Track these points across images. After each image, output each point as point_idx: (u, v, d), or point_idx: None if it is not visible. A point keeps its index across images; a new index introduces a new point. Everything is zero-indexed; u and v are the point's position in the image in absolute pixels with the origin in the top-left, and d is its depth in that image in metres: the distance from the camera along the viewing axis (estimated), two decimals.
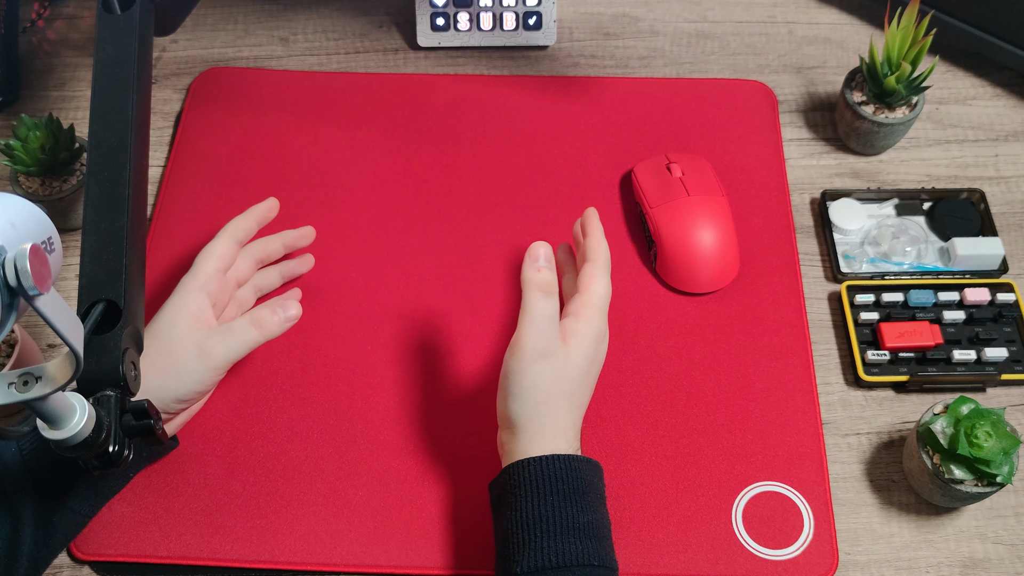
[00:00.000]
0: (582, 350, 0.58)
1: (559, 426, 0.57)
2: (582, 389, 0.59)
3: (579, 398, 0.59)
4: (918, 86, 0.75)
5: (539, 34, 0.87)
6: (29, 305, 0.37)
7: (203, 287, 0.63)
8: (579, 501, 0.55)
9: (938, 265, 0.74)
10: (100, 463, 0.47)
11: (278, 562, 0.62)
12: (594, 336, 0.59)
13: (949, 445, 0.60)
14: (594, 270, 0.60)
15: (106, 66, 0.56)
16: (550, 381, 0.57)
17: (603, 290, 0.60)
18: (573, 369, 0.58)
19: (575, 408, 0.59)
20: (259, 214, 0.69)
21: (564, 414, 0.58)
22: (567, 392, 0.58)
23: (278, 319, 0.62)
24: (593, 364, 0.59)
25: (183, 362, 0.60)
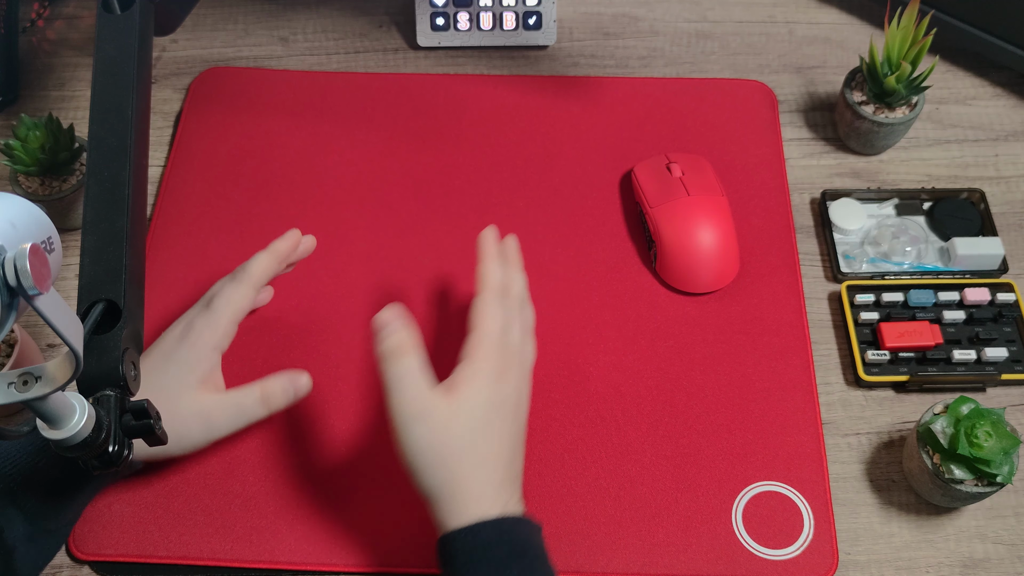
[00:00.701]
0: (473, 395, 0.53)
1: (471, 489, 0.52)
2: (489, 438, 0.53)
3: (488, 449, 0.53)
4: (918, 86, 0.75)
5: (539, 34, 0.87)
6: (29, 305, 0.37)
7: (218, 346, 0.61)
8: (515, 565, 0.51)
9: (938, 265, 0.74)
10: (100, 463, 0.47)
11: (278, 562, 0.62)
12: (489, 376, 0.54)
13: (949, 445, 0.60)
14: (481, 304, 0.56)
15: (106, 66, 0.56)
16: (433, 442, 0.52)
17: (493, 323, 0.55)
18: (464, 420, 0.53)
19: (486, 462, 0.53)
20: (282, 253, 0.64)
21: (471, 472, 0.52)
22: (463, 447, 0.52)
23: (287, 398, 0.60)
24: (499, 406, 0.54)
25: (186, 429, 0.59)
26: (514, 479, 0.55)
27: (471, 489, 0.52)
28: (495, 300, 0.57)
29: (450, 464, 0.52)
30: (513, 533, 0.52)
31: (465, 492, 0.52)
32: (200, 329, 0.60)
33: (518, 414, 0.56)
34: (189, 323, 0.61)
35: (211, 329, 0.60)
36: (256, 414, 0.60)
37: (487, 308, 0.56)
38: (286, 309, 0.72)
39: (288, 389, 0.60)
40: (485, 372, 0.54)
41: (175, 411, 0.58)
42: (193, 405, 0.59)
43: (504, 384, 0.55)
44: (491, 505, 0.52)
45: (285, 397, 0.60)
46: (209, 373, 0.60)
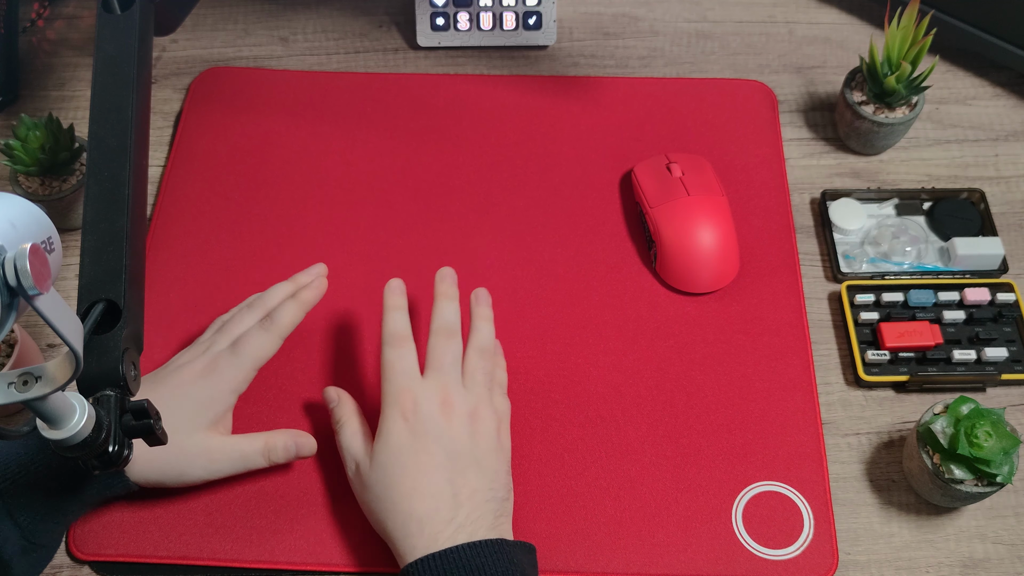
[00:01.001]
0: (381, 445, 0.58)
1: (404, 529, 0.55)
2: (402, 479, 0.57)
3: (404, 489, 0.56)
4: (918, 86, 0.75)
5: (539, 34, 0.87)
6: (29, 305, 0.37)
7: (238, 390, 0.61)
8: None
9: (938, 265, 0.74)
10: (100, 463, 0.47)
11: (278, 562, 0.62)
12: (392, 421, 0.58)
13: (949, 445, 0.60)
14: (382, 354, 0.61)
15: (106, 66, 0.56)
16: (366, 494, 0.59)
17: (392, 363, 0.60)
18: (378, 470, 0.58)
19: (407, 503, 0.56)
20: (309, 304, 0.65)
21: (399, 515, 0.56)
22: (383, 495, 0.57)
23: (288, 456, 0.62)
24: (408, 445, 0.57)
25: (189, 467, 0.60)
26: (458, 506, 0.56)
27: (399, 529, 0.56)
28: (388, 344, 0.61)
29: (380, 511, 0.57)
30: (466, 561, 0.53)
31: (396, 532, 0.56)
32: (223, 372, 0.61)
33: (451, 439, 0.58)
34: (213, 362, 0.61)
35: (234, 374, 0.61)
36: (256, 463, 0.62)
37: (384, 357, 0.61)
38: None
39: (290, 448, 0.62)
40: (389, 417, 0.59)
41: (182, 447, 0.59)
42: (201, 444, 0.60)
43: (415, 418, 0.58)
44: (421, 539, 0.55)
45: (287, 454, 0.62)
46: (223, 415, 0.61)
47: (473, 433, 0.59)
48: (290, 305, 0.63)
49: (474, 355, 0.62)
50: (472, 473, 0.57)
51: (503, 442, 0.61)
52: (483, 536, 0.55)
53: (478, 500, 0.57)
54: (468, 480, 0.57)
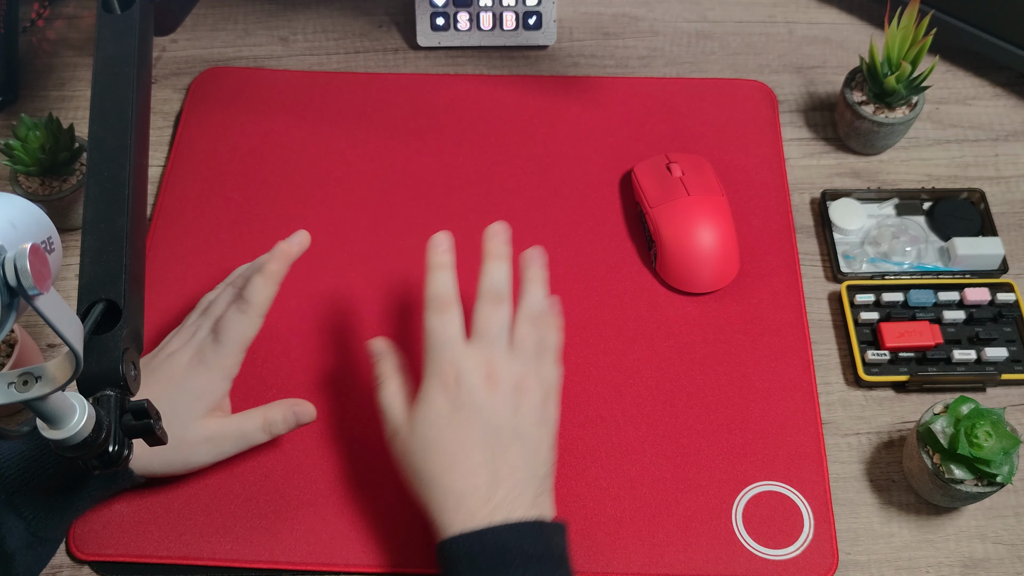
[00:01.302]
0: (422, 414, 0.56)
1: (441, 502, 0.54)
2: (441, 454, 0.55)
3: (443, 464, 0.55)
4: (918, 86, 0.75)
5: (539, 34, 0.87)
6: (29, 305, 0.37)
7: (230, 375, 0.61)
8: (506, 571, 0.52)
9: (938, 265, 0.74)
10: (100, 463, 0.47)
11: (278, 562, 0.62)
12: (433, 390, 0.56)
13: (949, 445, 0.60)
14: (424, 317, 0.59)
15: (106, 66, 0.56)
16: (403, 459, 0.57)
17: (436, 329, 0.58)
18: (417, 440, 0.56)
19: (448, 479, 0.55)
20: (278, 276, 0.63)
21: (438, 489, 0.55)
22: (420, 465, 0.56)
23: (288, 426, 0.62)
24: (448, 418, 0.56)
25: (194, 455, 0.61)
26: (497, 483, 0.55)
27: (435, 502, 0.55)
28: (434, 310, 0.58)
29: (417, 479, 0.56)
30: (503, 541, 0.53)
31: (432, 505, 0.55)
32: (210, 362, 0.61)
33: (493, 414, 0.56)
34: (199, 352, 0.61)
35: (221, 362, 0.61)
36: (259, 439, 0.62)
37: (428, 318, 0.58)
38: (286, 309, 0.72)
39: (289, 419, 0.62)
40: (431, 386, 0.57)
41: (184, 437, 0.60)
42: (202, 431, 0.60)
43: (457, 390, 0.56)
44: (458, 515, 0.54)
45: (286, 425, 0.62)
46: (219, 401, 0.61)
47: (517, 407, 0.56)
48: (258, 281, 0.61)
49: (524, 322, 0.59)
50: (514, 450, 0.56)
51: (548, 414, 0.58)
52: (521, 515, 0.54)
53: (518, 478, 0.55)
54: (509, 458, 0.55)
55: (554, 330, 0.61)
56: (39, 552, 0.59)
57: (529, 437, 0.57)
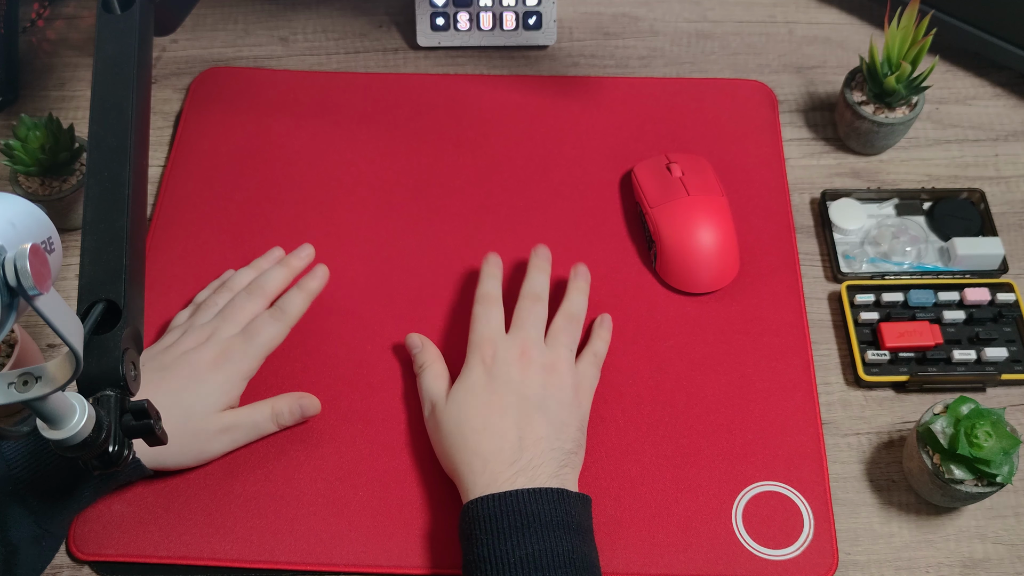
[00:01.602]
0: (460, 387, 0.62)
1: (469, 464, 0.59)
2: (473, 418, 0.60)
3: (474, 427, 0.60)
4: (918, 86, 0.75)
5: (539, 34, 0.87)
6: (29, 305, 0.37)
7: (250, 375, 0.65)
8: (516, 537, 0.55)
9: (938, 265, 0.74)
10: (100, 463, 0.47)
11: (278, 562, 0.62)
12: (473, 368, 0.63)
13: (949, 445, 0.60)
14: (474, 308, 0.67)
15: (106, 66, 0.56)
16: (437, 431, 0.62)
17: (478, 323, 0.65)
18: (453, 408, 0.61)
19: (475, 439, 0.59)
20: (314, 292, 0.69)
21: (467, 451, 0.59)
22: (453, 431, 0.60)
23: (294, 418, 0.65)
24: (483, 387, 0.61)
25: (209, 448, 0.63)
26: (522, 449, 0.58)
27: (464, 464, 0.59)
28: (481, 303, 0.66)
29: (448, 447, 0.60)
30: (522, 505, 0.55)
31: (461, 467, 0.59)
32: (237, 360, 0.64)
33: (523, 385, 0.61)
34: (226, 350, 0.64)
35: (248, 362, 0.64)
36: (268, 429, 0.65)
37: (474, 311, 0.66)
38: None
39: (295, 410, 0.65)
40: (472, 366, 0.63)
41: (200, 430, 0.62)
42: (217, 423, 0.63)
43: (493, 365, 0.62)
44: (483, 477, 0.57)
45: (292, 417, 0.65)
46: (235, 398, 0.64)
47: (546, 384, 0.62)
48: (297, 295, 0.67)
49: (561, 319, 0.66)
50: (540, 420, 0.60)
51: (580, 401, 0.63)
52: (543, 483, 0.57)
53: (543, 447, 0.59)
54: (535, 427, 0.59)
55: (604, 339, 0.68)
56: (44, 546, 0.59)
57: (555, 412, 0.61)
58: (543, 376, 0.62)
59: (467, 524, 0.57)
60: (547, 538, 0.55)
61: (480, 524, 0.56)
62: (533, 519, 0.55)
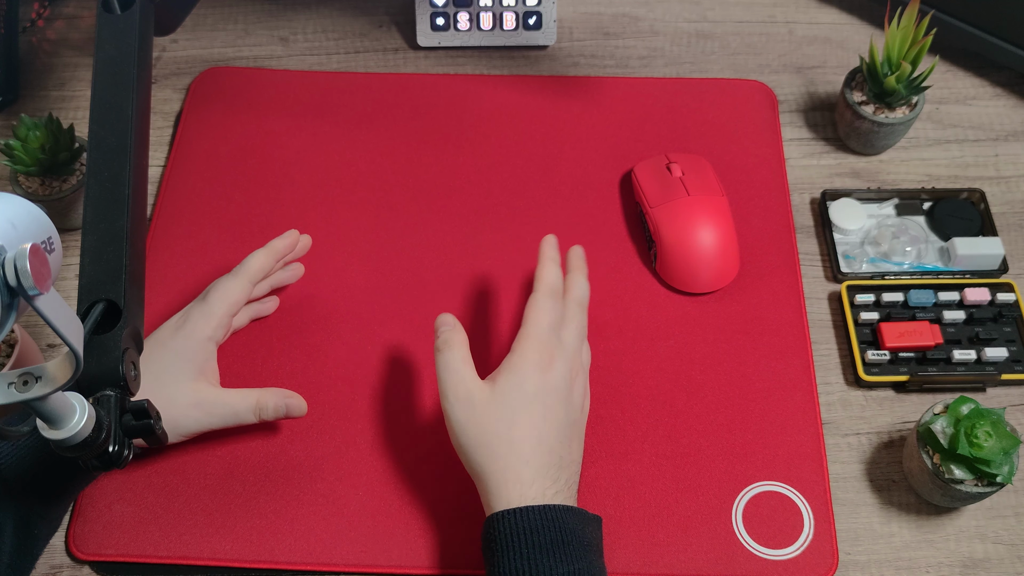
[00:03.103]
0: (510, 383, 0.57)
1: (508, 471, 0.55)
2: (530, 423, 0.56)
3: (528, 433, 0.56)
4: (918, 86, 0.75)
5: (539, 34, 0.87)
6: (29, 305, 0.37)
7: (213, 336, 0.63)
8: (557, 552, 0.53)
9: (938, 265, 0.74)
10: (100, 463, 0.47)
11: (278, 562, 0.62)
12: (527, 366, 0.57)
13: (949, 445, 0.60)
14: (533, 301, 0.60)
15: (106, 66, 0.56)
16: (473, 424, 0.56)
17: (543, 317, 0.59)
18: (502, 404, 0.56)
19: (518, 445, 0.56)
20: (280, 252, 0.67)
21: (506, 454, 0.55)
22: (497, 430, 0.56)
23: (278, 415, 0.63)
24: (542, 394, 0.57)
25: (181, 420, 0.61)
26: (562, 468, 0.56)
27: (506, 473, 0.55)
28: (546, 298, 0.60)
29: (490, 444, 0.56)
30: (559, 521, 0.54)
31: (500, 474, 0.55)
32: (196, 320, 0.63)
33: (569, 406, 0.58)
34: (186, 314, 0.64)
35: (206, 320, 0.63)
36: (247, 420, 0.63)
37: (538, 304, 0.60)
38: (286, 309, 0.72)
39: (280, 408, 0.63)
40: (529, 362, 0.57)
41: (172, 398, 0.60)
42: (190, 395, 0.61)
43: (550, 374, 0.57)
44: (526, 491, 0.54)
45: (276, 414, 0.63)
46: (205, 363, 0.62)
47: (583, 408, 0.60)
48: (258, 252, 0.66)
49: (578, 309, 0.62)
50: (575, 444, 0.59)
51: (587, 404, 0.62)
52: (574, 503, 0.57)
53: (573, 470, 0.58)
54: (572, 449, 0.58)
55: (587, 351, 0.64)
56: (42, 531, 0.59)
57: (582, 435, 0.60)
58: (582, 400, 0.60)
59: (505, 533, 0.54)
60: (585, 558, 0.54)
61: (521, 536, 0.53)
62: (573, 537, 0.54)
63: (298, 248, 0.70)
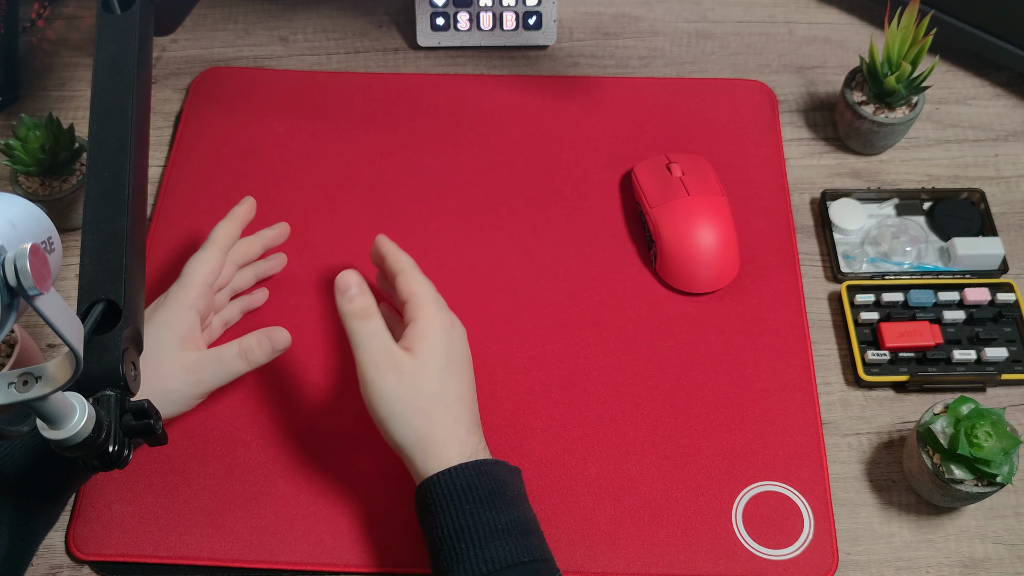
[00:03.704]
0: (431, 347, 0.58)
1: (445, 432, 0.56)
2: (450, 384, 0.58)
3: (454, 394, 0.58)
4: (918, 86, 0.75)
5: (539, 34, 0.87)
6: (29, 305, 0.37)
7: (193, 305, 0.63)
8: (496, 503, 0.54)
9: (938, 265, 0.74)
10: (100, 463, 0.47)
11: (278, 562, 0.62)
12: (439, 330, 0.59)
13: (949, 445, 0.60)
14: (408, 277, 0.61)
15: (106, 66, 0.56)
16: (406, 390, 0.57)
17: (426, 288, 0.61)
18: (429, 369, 0.57)
19: (452, 406, 0.57)
20: (241, 217, 0.69)
21: (443, 416, 0.57)
22: (432, 393, 0.57)
23: (265, 353, 0.62)
24: (452, 356, 0.59)
25: (172, 386, 0.60)
26: (478, 425, 0.59)
27: (444, 434, 0.57)
28: (416, 272, 0.62)
29: (423, 411, 0.57)
30: (492, 475, 0.56)
31: (438, 437, 0.56)
32: (174, 293, 0.63)
33: (468, 363, 0.61)
34: (165, 293, 0.64)
35: (184, 291, 0.63)
36: (237, 368, 0.62)
37: (413, 277, 0.61)
38: (285, 308, 0.72)
39: (264, 343, 0.62)
40: (434, 326, 0.59)
41: (160, 368, 0.60)
42: (177, 362, 0.61)
43: (453, 334, 0.60)
44: (464, 448, 0.56)
45: (262, 351, 0.62)
46: (188, 331, 0.62)
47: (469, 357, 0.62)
48: (222, 222, 0.67)
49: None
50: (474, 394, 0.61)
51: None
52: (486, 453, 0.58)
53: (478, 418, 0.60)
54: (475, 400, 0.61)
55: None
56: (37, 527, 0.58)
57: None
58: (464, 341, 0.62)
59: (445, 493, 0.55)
60: (519, 507, 0.56)
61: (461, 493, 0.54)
62: (506, 488, 0.56)
63: (278, 237, 0.72)
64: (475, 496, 0.54)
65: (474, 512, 0.54)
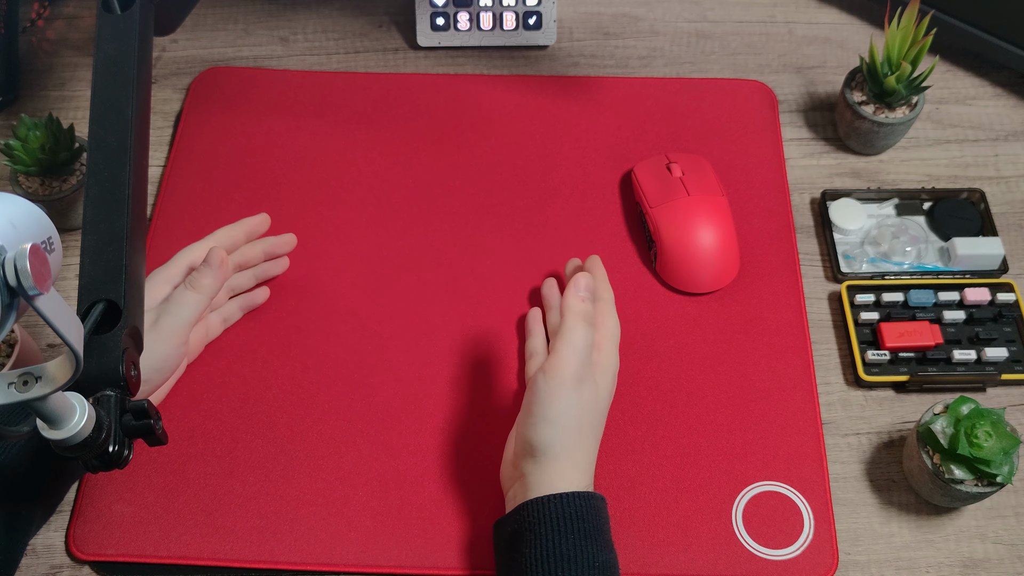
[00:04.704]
0: (606, 382, 0.61)
1: (585, 458, 0.58)
2: (601, 421, 0.60)
3: (599, 430, 0.60)
4: (918, 86, 0.75)
5: (539, 34, 0.87)
6: (29, 305, 0.37)
7: (169, 279, 0.64)
8: (598, 539, 0.55)
9: (938, 265, 0.74)
10: (100, 463, 0.47)
11: (278, 562, 0.62)
12: (612, 369, 0.62)
13: (949, 445, 0.60)
14: (604, 307, 0.64)
15: (106, 66, 0.56)
16: (582, 409, 0.58)
17: (615, 325, 0.63)
18: (601, 400, 0.60)
19: (597, 440, 0.60)
20: (250, 227, 0.70)
21: (590, 445, 0.59)
22: (594, 422, 0.59)
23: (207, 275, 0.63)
24: (611, 397, 0.62)
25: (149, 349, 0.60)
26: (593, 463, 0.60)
27: (583, 458, 0.58)
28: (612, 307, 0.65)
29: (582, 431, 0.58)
30: (600, 511, 0.57)
31: (578, 458, 0.58)
32: (157, 270, 0.65)
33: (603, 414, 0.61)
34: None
35: (165, 267, 0.65)
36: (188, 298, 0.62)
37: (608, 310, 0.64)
38: (285, 308, 0.72)
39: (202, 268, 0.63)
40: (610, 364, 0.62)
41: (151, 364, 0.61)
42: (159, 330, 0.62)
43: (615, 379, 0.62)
44: (583, 480, 0.57)
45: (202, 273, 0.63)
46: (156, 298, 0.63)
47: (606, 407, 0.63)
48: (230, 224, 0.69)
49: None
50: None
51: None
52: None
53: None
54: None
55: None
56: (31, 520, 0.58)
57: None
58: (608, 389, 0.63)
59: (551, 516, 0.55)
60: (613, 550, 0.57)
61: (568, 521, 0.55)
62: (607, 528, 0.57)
63: (282, 246, 0.72)
64: (582, 528, 0.55)
65: (577, 543, 0.54)
